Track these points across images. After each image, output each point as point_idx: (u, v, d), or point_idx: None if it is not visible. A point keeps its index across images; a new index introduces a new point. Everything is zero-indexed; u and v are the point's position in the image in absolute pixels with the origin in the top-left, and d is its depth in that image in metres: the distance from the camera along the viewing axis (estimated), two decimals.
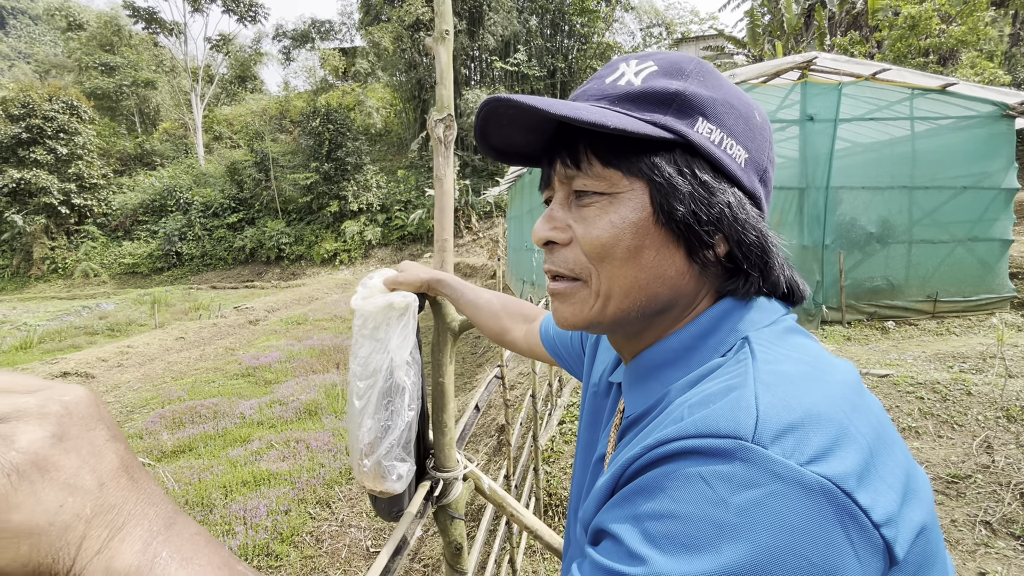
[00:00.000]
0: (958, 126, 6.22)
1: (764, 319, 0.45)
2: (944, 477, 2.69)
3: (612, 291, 0.46)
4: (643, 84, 0.45)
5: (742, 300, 0.47)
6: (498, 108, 0.47)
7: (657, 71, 0.46)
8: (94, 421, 0.30)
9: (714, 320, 0.46)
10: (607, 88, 0.47)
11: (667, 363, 0.47)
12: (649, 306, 0.47)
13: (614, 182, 0.45)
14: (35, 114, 23.81)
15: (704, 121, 0.44)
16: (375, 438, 0.86)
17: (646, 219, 0.44)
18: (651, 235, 0.44)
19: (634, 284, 0.45)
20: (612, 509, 0.36)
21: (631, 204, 0.45)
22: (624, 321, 0.48)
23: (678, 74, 0.46)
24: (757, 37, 16.44)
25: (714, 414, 0.34)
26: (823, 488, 0.30)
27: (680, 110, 0.44)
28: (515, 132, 0.50)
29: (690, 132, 0.44)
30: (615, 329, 0.50)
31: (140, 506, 0.29)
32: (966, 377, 3.63)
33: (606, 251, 0.45)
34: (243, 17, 31.86)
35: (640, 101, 0.45)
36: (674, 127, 0.43)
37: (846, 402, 0.35)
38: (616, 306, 0.47)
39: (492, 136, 0.51)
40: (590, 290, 0.47)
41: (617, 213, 0.45)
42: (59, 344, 11.18)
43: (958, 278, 6.31)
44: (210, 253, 24.70)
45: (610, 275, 0.46)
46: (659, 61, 0.47)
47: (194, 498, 3.82)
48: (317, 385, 6.50)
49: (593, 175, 0.46)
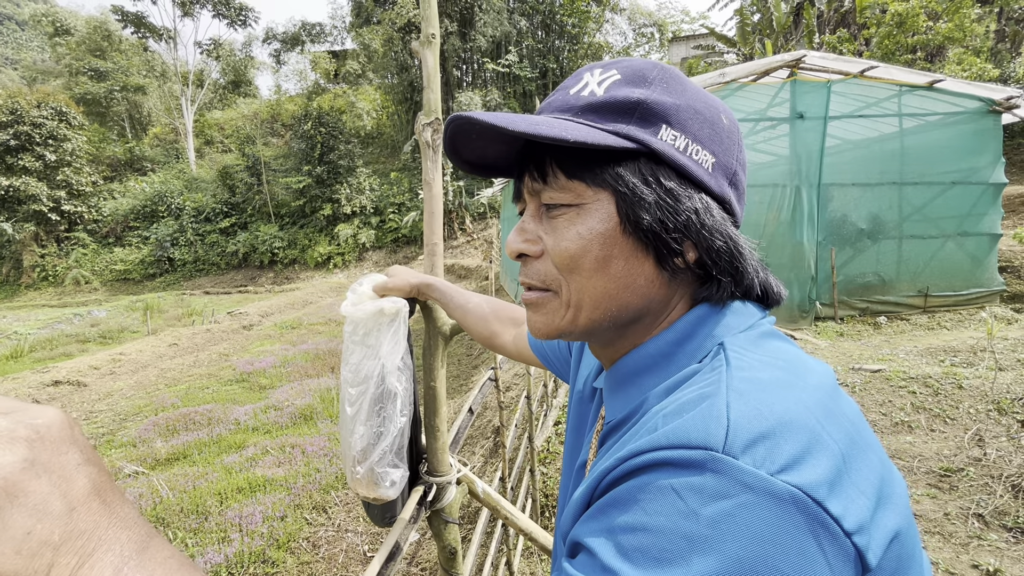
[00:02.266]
0: (946, 122, 6.29)
1: (740, 324, 0.46)
2: (937, 471, 2.72)
3: (582, 301, 0.46)
4: (605, 94, 0.45)
5: (717, 305, 0.47)
6: (463, 126, 0.47)
7: (620, 80, 0.46)
8: (66, 444, 0.29)
9: (690, 326, 0.46)
10: (571, 99, 0.47)
11: (645, 369, 0.47)
12: (620, 315, 0.47)
13: (579, 193, 0.45)
14: (23, 120, 23.58)
15: (668, 128, 0.44)
16: (367, 445, 0.86)
17: (613, 229, 0.44)
18: (619, 245, 0.45)
19: (604, 294, 0.46)
20: (587, 522, 0.36)
21: (597, 215, 0.45)
22: (596, 330, 0.48)
23: (641, 82, 0.45)
24: (747, 36, 16.54)
25: (686, 424, 0.34)
26: (793, 497, 0.30)
27: (643, 118, 0.44)
28: (486, 145, 0.50)
29: (653, 140, 0.44)
30: (587, 338, 0.50)
31: (112, 531, 0.29)
32: (957, 371, 3.66)
33: (575, 262, 0.45)
34: (233, 21, 31.71)
35: (602, 111, 0.45)
36: (636, 136, 0.43)
37: (820, 408, 0.35)
38: (587, 316, 0.47)
39: (463, 151, 0.51)
40: (560, 300, 0.48)
41: (584, 224, 0.45)
42: (50, 352, 11.08)
43: (948, 273, 6.37)
44: (203, 258, 24.54)
45: (580, 286, 0.46)
46: (623, 69, 0.47)
47: (189, 506, 3.79)
48: (312, 389, 6.47)
49: (559, 187, 0.46)
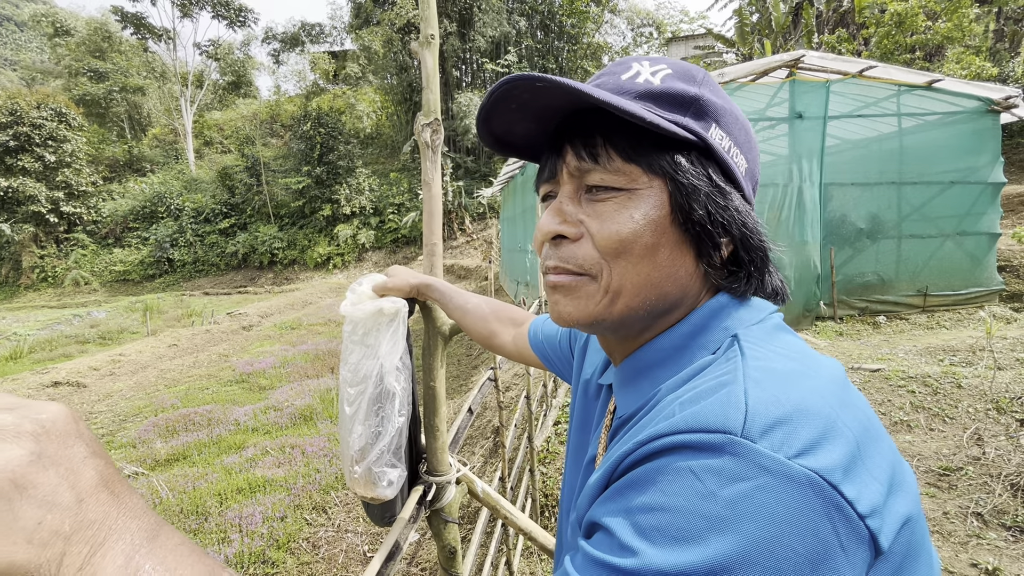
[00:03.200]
0: (944, 122, 6.30)
1: (753, 317, 0.46)
2: (936, 470, 2.72)
3: (623, 288, 0.46)
4: (663, 84, 0.46)
5: (736, 299, 0.48)
6: (517, 87, 0.45)
7: (672, 74, 0.47)
8: (72, 438, 0.29)
9: (704, 319, 0.47)
10: (625, 84, 0.46)
11: (658, 363, 0.48)
12: (657, 305, 0.47)
13: (634, 178, 0.45)
14: (23, 121, 23.56)
15: (717, 128, 0.46)
16: (366, 444, 0.86)
17: (664, 217, 0.45)
18: (667, 234, 0.45)
19: (647, 282, 0.46)
20: (605, 503, 0.37)
21: (651, 201, 0.45)
22: (629, 320, 0.47)
23: (691, 80, 0.47)
24: (746, 36, 16.55)
25: (704, 409, 0.35)
26: (810, 481, 0.31)
27: (698, 114, 0.45)
28: (518, 120, 0.49)
29: (707, 136, 0.45)
30: (617, 328, 0.49)
31: (121, 520, 0.29)
32: (956, 370, 3.67)
33: (624, 247, 0.45)
34: (232, 22, 31.72)
35: (661, 100, 0.45)
36: (695, 129, 0.44)
37: (833, 397, 0.36)
38: (625, 303, 0.46)
39: (495, 121, 0.50)
40: (598, 285, 0.46)
41: (638, 209, 0.45)
42: (50, 354, 11.07)
43: (947, 272, 6.38)
44: (202, 259, 24.53)
45: (623, 271, 0.45)
46: (671, 65, 0.48)
47: (189, 506, 3.79)
48: (312, 390, 6.47)
49: (612, 170, 0.45)
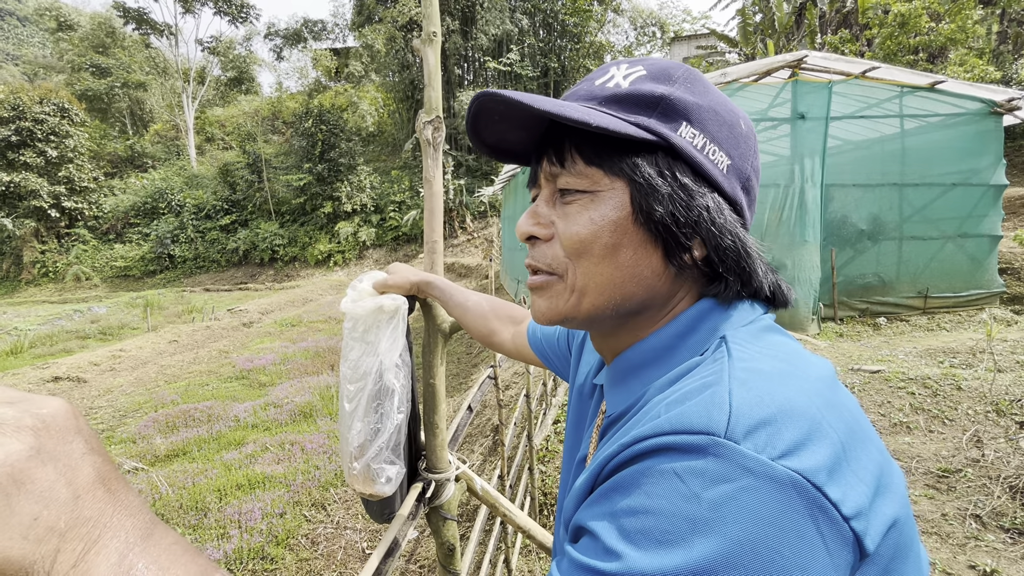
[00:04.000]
0: (947, 123, 6.28)
1: (743, 318, 0.46)
2: (935, 471, 2.72)
3: (587, 287, 0.47)
4: (630, 87, 0.46)
5: (722, 303, 0.47)
6: (487, 103, 0.47)
7: (645, 75, 0.47)
8: (71, 434, 0.30)
9: (692, 320, 0.47)
10: (596, 90, 0.48)
11: (647, 363, 0.48)
12: (623, 305, 0.47)
13: (596, 180, 0.46)
14: (25, 116, 23.55)
15: (688, 126, 0.45)
16: (365, 441, 0.86)
17: (625, 218, 0.45)
18: (629, 234, 0.45)
19: (609, 282, 0.46)
20: (590, 506, 0.37)
21: (611, 202, 0.45)
22: (598, 318, 0.49)
23: (666, 79, 0.47)
24: (749, 36, 16.52)
25: (688, 411, 0.35)
26: (793, 482, 0.31)
27: (664, 114, 0.45)
28: (507, 129, 0.51)
29: (672, 135, 0.44)
30: (589, 325, 0.51)
31: (117, 518, 0.29)
32: (956, 372, 3.67)
33: (584, 247, 0.46)
34: (235, 18, 31.68)
35: (626, 103, 0.46)
36: (657, 129, 0.44)
37: (820, 398, 0.36)
38: (591, 302, 0.47)
39: (484, 132, 0.52)
40: (565, 284, 0.48)
41: (597, 211, 0.46)
42: (50, 348, 11.09)
43: (948, 274, 6.37)
44: (203, 255, 24.54)
45: (586, 271, 0.46)
46: (649, 66, 0.48)
47: (188, 502, 3.80)
48: (312, 387, 6.48)
49: (576, 173, 0.46)
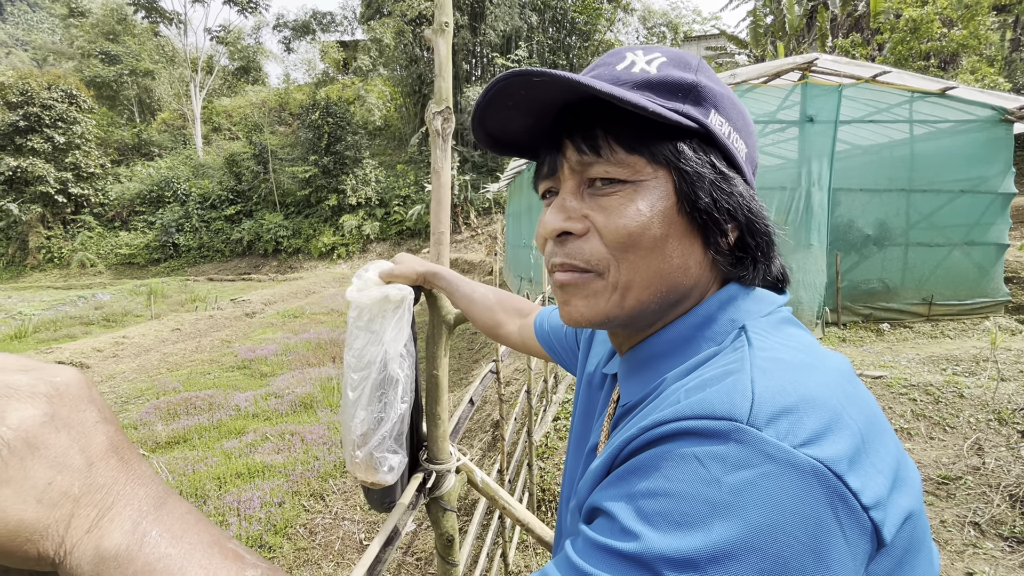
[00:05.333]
0: (957, 130, 6.24)
1: (761, 309, 0.46)
2: (935, 478, 2.71)
3: (633, 282, 0.45)
4: (660, 72, 0.45)
5: (745, 288, 0.48)
6: (513, 83, 0.44)
7: (668, 62, 0.46)
8: (85, 403, 0.30)
9: (711, 310, 0.47)
10: (620, 74, 0.46)
11: (664, 353, 0.48)
12: (669, 296, 0.46)
13: (638, 169, 0.44)
14: (33, 102, 23.60)
15: (716, 113, 0.45)
16: (368, 430, 0.87)
17: (671, 207, 0.44)
18: (675, 224, 0.45)
19: (657, 274, 0.45)
20: (607, 488, 0.37)
21: (657, 192, 0.44)
22: (642, 313, 0.47)
23: (687, 67, 0.46)
24: (759, 37, 16.42)
25: (710, 397, 0.35)
26: (815, 470, 0.31)
27: (697, 101, 0.45)
28: (516, 116, 0.49)
29: (707, 122, 0.45)
30: (631, 322, 0.48)
31: (130, 486, 0.29)
32: (959, 380, 3.65)
33: (633, 240, 0.44)
34: (244, 8, 31.67)
35: (659, 88, 0.45)
36: (696, 116, 0.44)
37: (840, 390, 0.36)
38: (636, 297, 0.46)
39: (489, 119, 0.49)
40: (606, 282, 0.46)
41: (645, 201, 0.44)
42: (54, 334, 11.14)
43: (954, 282, 6.34)
44: (207, 245, 24.60)
45: (633, 266, 0.45)
46: (666, 53, 0.47)
47: (188, 489, 3.82)
48: (313, 378, 6.50)
49: (616, 162, 0.44)
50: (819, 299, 5.84)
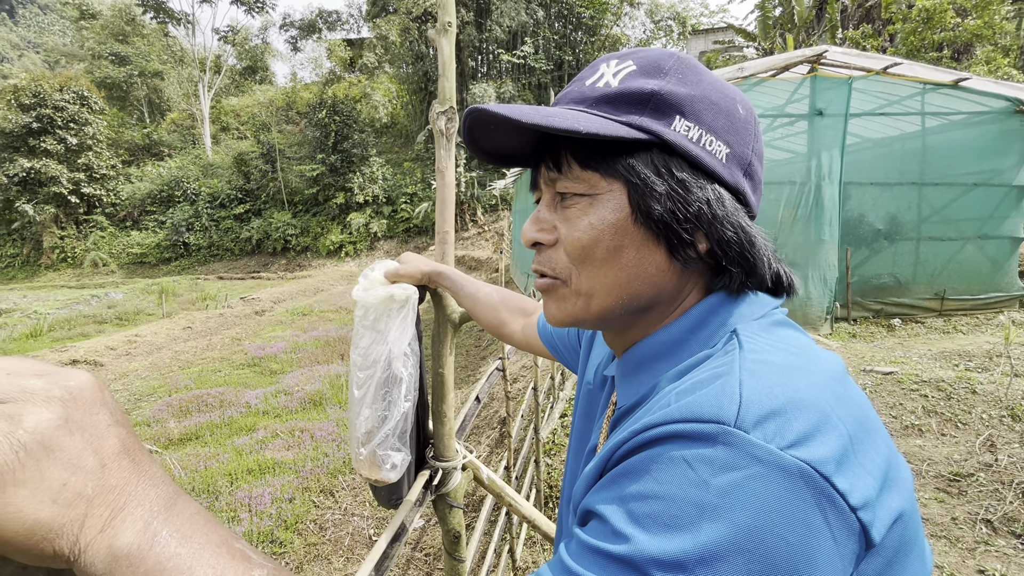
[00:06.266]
0: (970, 122, 6.14)
1: (753, 312, 0.46)
2: (946, 475, 2.69)
3: (593, 290, 0.47)
4: (620, 85, 0.46)
5: (732, 295, 0.47)
6: (480, 117, 0.48)
7: (635, 71, 0.46)
8: (97, 406, 0.31)
9: (704, 314, 0.47)
10: (586, 91, 0.47)
11: (658, 356, 0.48)
12: (631, 304, 0.48)
13: (593, 184, 0.46)
14: (46, 104, 23.91)
15: (682, 119, 0.45)
16: (372, 427, 0.88)
17: (625, 219, 0.45)
18: (630, 235, 0.45)
19: (615, 283, 0.47)
20: (600, 491, 0.38)
21: (610, 205, 0.46)
22: (608, 317, 0.49)
23: (656, 72, 0.46)
24: (768, 30, 16.21)
25: (699, 400, 0.35)
26: (802, 471, 0.31)
27: (657, 109, 0.45)
28: (503, 136, 0.51)
29: (665, 131, 0.44)
30: (601, 325, 0.51)
31: (141, 487, 0.30)
32: (971, 376, 3.61)
33: (586, 252, 0.46)
34: (251, 8, 31.81)
35: (617, 102, 0.45)
36: (649, 127, 0.44)
37: (829, 391, 0.36)
38: (599, 304, 0.48)
39: (482, 141, 0.52)
40: (570, 289, 0.49)
41: (596, 214, 0.46)
42: (68, 332, 11.32)
43: (967, 276, 6.25)
44: (217, 244, 24.83)
45: (591, 275, 0.47)
46: (639, 60, 0.47)
47: (200, 485, 3.87)
48: (322, 376, 6.55)
49: (573, 177, 0.47)
50: (829, 294, 5.78)
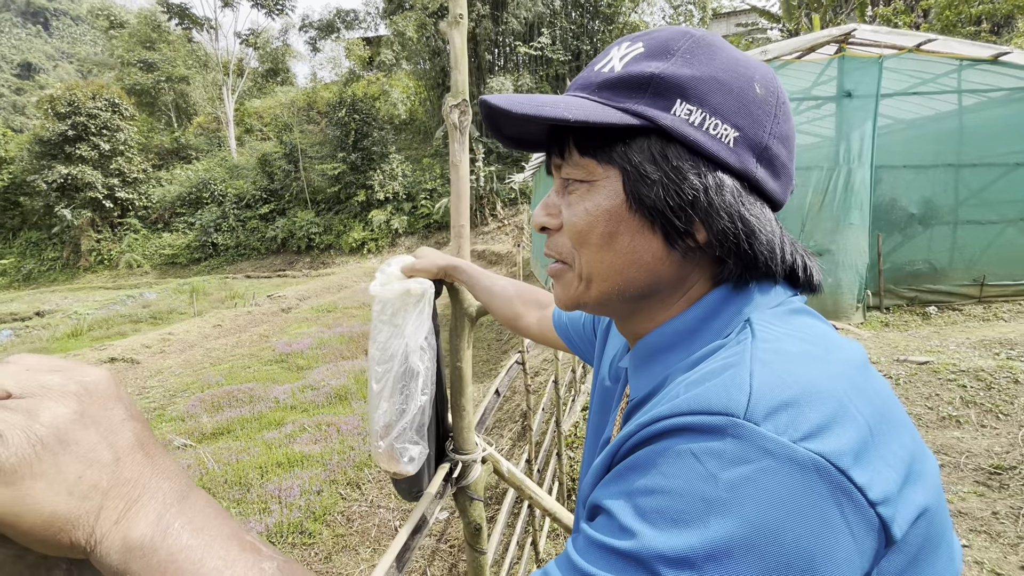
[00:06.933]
0: (1011, 98, 5.83)
1: (769, 301, 0.45)
2: (986, 468, 2.59)
3: (592, 274, 0.48)
4: (622, 70, 0.45)
5: (739, 286, 0.46)
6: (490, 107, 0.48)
7: (642, 53, 0.45)
8: (112, 401, 0.31)
9: (716, 303, 0.46)
10: (592, 76, 0.47)
11: (669, 346, 0.47)
12: (627, 290, 0.47)
13: (591, 170, 0.46)
14: (80, 112, 24.81)
15: (683, 103, 0.43)
16: (390, 421, 0.89)
17: (619, 206, 0.45)
18: (625, 221, 0.45)
19: (610, 268, 0.47)
20: (607, 485, 0.37)
21: (605, 191, 0.46)
22: (607, 302, 0.50)
23: (662, 54, 0.44)
24: (792, 10, 15.68)
25: (707, 391, 0.34)
26: (816, 465, 0.30)
27: (656, 94, 0.43)
28: (523, 124, 0.51)
29: (661, 116, 0.42)
30: (602, 310, 0.52)
31: (155, 480, 0.31)
32: (1013, 364, 3.45)
33: (583, 237, 0.47)
34: (271, 10, 32.33)
35: (617, 88, 0.45)
36: (645, 113, 0.43)
37: (847, 381, 0.35)
38: (597, 288, 0.48)
39: (504, 129, 0.53)
40: (574, 273, 0.50)
41: (592, 200, 0.46)
42: (107, 332, 11.79)
43: (1008, 260, 5.96)
44: (244, 243, 25.45)
45: (588, 259, 0.48)
46: (648, 41, 0.46)
47: (232, 478, 4.00)
48: (347, 371, 6.68)
49: (574, 164, 0.47)
50: (860, 282, 5.60)
